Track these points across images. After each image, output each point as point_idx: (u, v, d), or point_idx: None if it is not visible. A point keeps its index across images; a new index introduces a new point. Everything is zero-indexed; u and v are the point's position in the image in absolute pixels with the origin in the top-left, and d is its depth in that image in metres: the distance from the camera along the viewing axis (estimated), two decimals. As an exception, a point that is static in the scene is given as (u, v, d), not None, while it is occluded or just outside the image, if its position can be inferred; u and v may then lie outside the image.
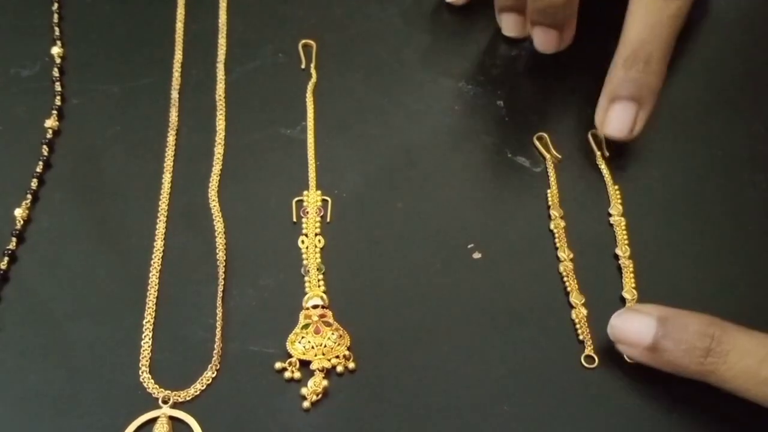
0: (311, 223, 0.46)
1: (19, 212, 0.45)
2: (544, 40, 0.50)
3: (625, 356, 0.40)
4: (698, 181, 0.48)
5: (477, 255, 0.45)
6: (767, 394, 0.36)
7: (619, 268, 0.44)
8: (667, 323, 0.38)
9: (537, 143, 0.49)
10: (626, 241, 0.45)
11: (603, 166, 0.48)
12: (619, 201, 0.47)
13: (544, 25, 0.49)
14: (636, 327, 0.39)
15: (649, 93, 0.46)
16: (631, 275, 0.44)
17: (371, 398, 0.40)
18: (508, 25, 0.53)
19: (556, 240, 0.45)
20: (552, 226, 0.46)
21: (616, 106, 0.46)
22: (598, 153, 0.49)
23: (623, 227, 0.46)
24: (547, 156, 0.49)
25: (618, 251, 0.45)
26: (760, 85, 0.53)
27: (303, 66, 0.53)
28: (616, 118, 0.46)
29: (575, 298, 0.43)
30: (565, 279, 0.44)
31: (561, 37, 0.49)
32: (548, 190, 0.47)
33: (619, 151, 0.49)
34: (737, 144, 0.50)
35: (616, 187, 0.47)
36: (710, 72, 0.54)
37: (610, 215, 0.47)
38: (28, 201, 0.46)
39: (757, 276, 0.45)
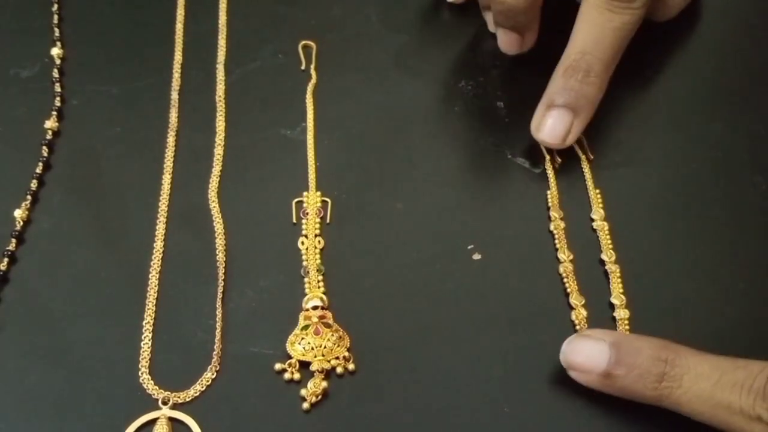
0: (311, 224, 0.46)
1: (19, 213, 0.45)
2: (505, 42, 0.51)
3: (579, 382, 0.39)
4: (698, 182, 0.48)
5: (477, 256, 0.45)
6: (721, 417, 0.36)
7: (607, 274, 0.44)
8: (620, 348, 0.38)
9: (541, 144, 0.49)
10: (610, 246, 0.45)
11: (586, 170, 0.48)
12: (601, 205, 0.47)
13: (505, 27, 0.49)
14: (588, 353, 0.38)
15: (586, 103, 0.46)
16: (619, 280, 0.44)
17: (371, 399, 0.40)
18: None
19: (556, 241, 0.45)
20: (552, 227, 0.46)
21: (552, 113, 0.46)
22: (583, 156, 0.49)
23: (606, 232, 0.46)
24: (548, 157, 0.49)
25: (603, 256, 0.45)
26: (760, 85, 0.53)
27: (303, 67, 0.53)
28: (550, 125, 0.46)
29: (575, 300, 0.43)
30: (565, 280, 0.44)
31: (522, 40, 0.50)
32: (548, 191, 0.47)
33: (614, 153, 0.49)
34: (737, 144, 0.50)
35: (598, 191, 0.47)
36: (709, 72, 0.54)
37: (592, 220, 0.46)
38: (28, 202, 0.46)
39: (757, 279, 0.44)
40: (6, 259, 0.44)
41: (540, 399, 0.40)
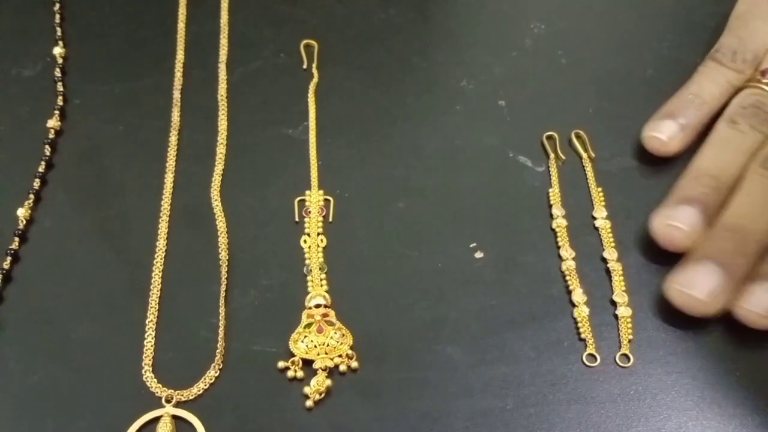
0: (313, 223, 0.46)
1: (22, 212, 0.45)
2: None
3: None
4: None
5: (479, 254, 0.45)
6: None
7: (609, 272, 0.44)
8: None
9: (545, 142, 0.49)
10: (612, 244, 0.45)
11: (588, 168, 0.48)
12: (603, 203, 0.47)
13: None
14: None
15: None
16: (621, 279, 0.44)
17: (374, 397, 0.40)
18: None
19: (558, 239, 0.45)
20: (554, 225, 0.46)
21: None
22: (584, 154, 0.49)
23: (608, 230, 0.46)
24: (551, 155, 0.49)
25: (605, 255, 0.45)
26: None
27: (305, 66, 0.53)
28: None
29: (577, 298, 0.43)
30: (567, 278, 0.44)
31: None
32: (550, 189, 0.48)
33: (616, 151, 0.49)
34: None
35: (600, 189, 0.47)
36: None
37: (594, 218, 0.46)
38: (31, 201, 0.46)
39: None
40: (9, 258, 0.44)
41: (541, 397, 0.40)
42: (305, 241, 0.45)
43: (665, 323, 0.43)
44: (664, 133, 0.46)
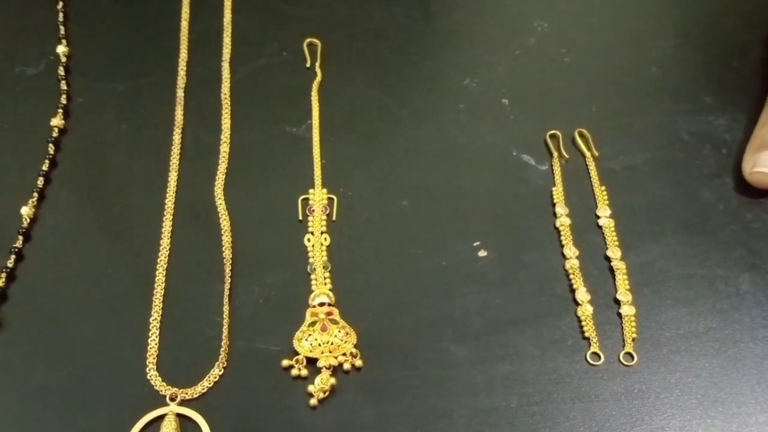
0: (317, 221, 0.46)
1: (26, 210, 0.45)
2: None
3: None
4: (702, 179, 0.48)
5: (483, 253, 0.45)
6: None
7: (612, 270, 0.44)
8: None
9: (549, 140, 0.49)
10: (616, 243, 0.45)
11: (591, 167, 0.48)
12: (606, 202, 0.47)
13: None
14: None
15: None
16: (624, 277, 0.44)
17: (378, 396, 0.40)
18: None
19: (562, 238, 0.45)
20: (558, 224, 0.46)
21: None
22: (588, 153, 0.49)
23: (612, 228, 0.46)
24: (555, 153, 0.49)
25: (609, 253, 0.45)
26: (763, 84, 0.53)
27: (308, 64, 0.53)
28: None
29: (581, 296, 0.43)
30: (571, 276, 0.44)
31: None
32: (553, 188, 0.48)
33: (620, 150, 0.49)
34: (743, 143, 0.50)
35: (603, 188, 0.47)
36: (715, 70, 0.54)
37: (598, 217, 0.47)
38: (35, 199, 0.46)
39: (758, 276, 0.45)
40: (13, 257, 0.44)
41: (545, 395, 0.40)
42: (309, 240, 0.45)
43: (669, 322, 0.43)
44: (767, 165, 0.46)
